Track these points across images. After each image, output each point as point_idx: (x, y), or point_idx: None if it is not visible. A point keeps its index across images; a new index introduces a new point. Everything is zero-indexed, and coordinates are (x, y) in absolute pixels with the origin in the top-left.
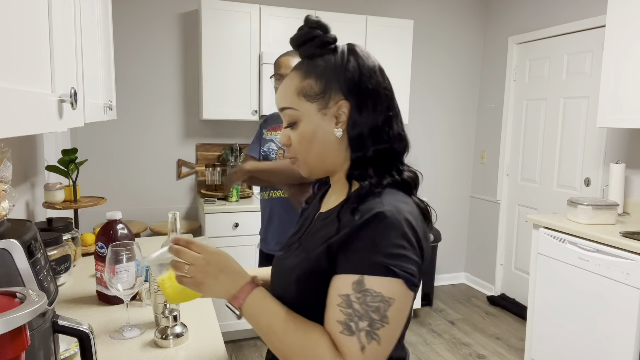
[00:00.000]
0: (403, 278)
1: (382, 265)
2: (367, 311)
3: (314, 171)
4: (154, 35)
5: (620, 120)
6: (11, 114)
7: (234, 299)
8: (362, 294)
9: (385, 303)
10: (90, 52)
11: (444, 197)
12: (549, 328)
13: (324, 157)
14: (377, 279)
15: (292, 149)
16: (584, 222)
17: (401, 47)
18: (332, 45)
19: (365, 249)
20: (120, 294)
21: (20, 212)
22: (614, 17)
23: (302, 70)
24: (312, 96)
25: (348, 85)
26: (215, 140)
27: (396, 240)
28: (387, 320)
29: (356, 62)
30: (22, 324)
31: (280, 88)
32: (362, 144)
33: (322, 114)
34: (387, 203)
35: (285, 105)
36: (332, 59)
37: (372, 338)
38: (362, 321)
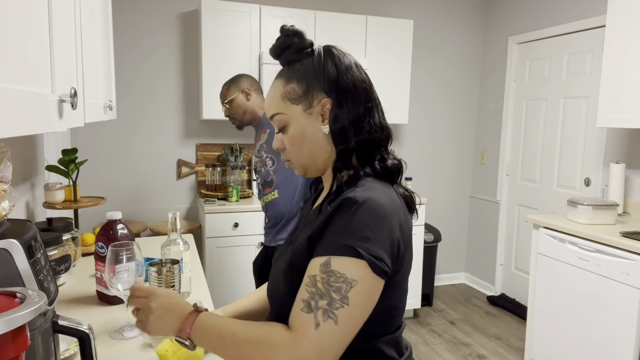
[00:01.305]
0: (368, 261)
1: (348, 246)
2: (328, 290)
3: (308, 170)
4: (154, 35)
5: (620, 120)
6: (11, 114)
7: (181, 331)
8: (327, 274)
9: (348, 284)
10: (90, 52)
11: (444, 197)
12: (549, 328)
13: (315, 155)
14: (343, 260)
15: (286, 152)
16: (584, 222)
17: (401, 47)
18: (308, 49)
19: (335, 233)
20: (120, 294)
21: (20, 212)
22: (614, 17)
23: (284, 77)
24: (296, 98)
25: (327, 83)
26: (215, 140)
27: (365, 224)
28: (348, 301)
29: (333, 61)
30: (22, 324)
31: (266, 97)
32: (345, 137)
33: (308, 114)
34: (361, 191)
35: (274, 112)
36: (310, 61)
37: (328, 317)
38: (322, 300)
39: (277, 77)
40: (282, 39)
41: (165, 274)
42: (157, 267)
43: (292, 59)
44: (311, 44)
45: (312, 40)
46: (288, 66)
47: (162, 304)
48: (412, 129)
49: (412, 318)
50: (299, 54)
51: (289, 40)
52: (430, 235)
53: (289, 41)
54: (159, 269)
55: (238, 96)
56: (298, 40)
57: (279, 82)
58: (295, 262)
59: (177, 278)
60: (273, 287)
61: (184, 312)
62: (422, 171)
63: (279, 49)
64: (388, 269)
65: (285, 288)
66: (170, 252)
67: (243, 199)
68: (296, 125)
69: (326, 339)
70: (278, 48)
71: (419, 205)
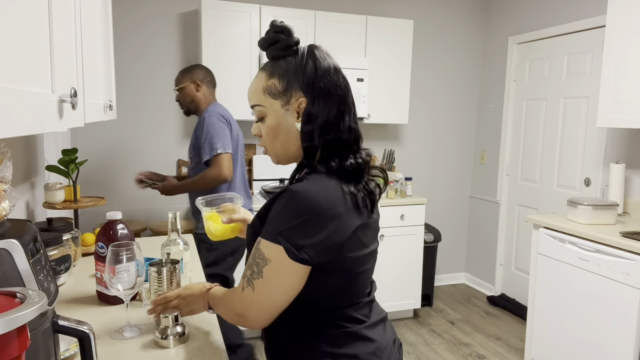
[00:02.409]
0: (284, 247)
1: (272, 233)
2: (251, 264)
3: (280, 159)
4: (154, 35)
5: (620, 120)
6: (11, 114)
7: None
8: (256, 250)
9: (264, 261)
10: (90, 52)
11: (444, 197)
12: (549, 328)
13: (287, 147)
14: (266, 243)
15: (262, 139)
16: (584, 222)
17: (401, 47)
18: (294, 47)
19: (270, 218)
20: (120, 294)
21: (20, 212)
22: (614, 17)
23: (267, 71)
24: (276, 94)
25: (305, 84)
26: None
27: (294, 214)
28: (262, 274)
29: (313, 63)
30: (23, 324)
31: (250, 87)
32: (312, 135)
33: (285, 110)
34: (302, 184)
35: (254, 103)
36: (293, 60)
37: (249, 284)
38: (248, 270)
39: (261, 69)
40: (271, 34)
41: (166, 274)
42: (157, 267)
43: (277, 54)
44: (297, 42)
45: (299, 39)
46: (272, 61)
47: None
48: (412, 129)
49: (412, 318)
50: (284, 51)
51: (276, 36)
52: (430, 235)
53: (276, 37)
54: (159, 269)
55: (189, 85)
56: (285, 38)
57: (262, 75)
58: (254, 236)
59: (176, 278)
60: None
61: (202, 294)
62: (422, 171)
63: (266, 43)
64: (308, 256)
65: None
66: (171, 252)
67: None
68: (273, 118)
69: (247, 300)
70: (266, 42)
71: (419, 206)
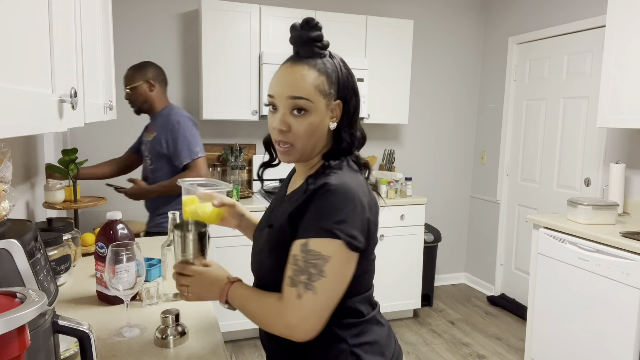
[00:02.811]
0: (344, 240)
1: (324, 228)
2: (306, 267)
3: (304, 157)
4: (154, 35)
5: (620, 120)
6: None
7: (220, 298)
8: (305, 253)
9: (323, 260)
10: (90, 52)
11: (444, 197)
12: (549, 328)
13: (316, 146)
14: (319, 241)
15: (291, 135)
16: (584, 222)
17: (401, 47)
18: (327, 49)
19: (313, 217)
20: (120, 294)
21: (20, 212)
22: (614, 17)
23: (314, 67)
24: (324, 93)
25: (342, 86)
26: (215, 140)
27: (339, 207)
28: (324, 274)
29: (345, 67)
30: (23, 324)
31: (291, 77)
32: (342, 136)
33: (326, 109)
34: (335, 178)
35: (303, 95)
36: (331, 62)
37: (308, 289)
38: (302, 275)
39: (304, 63)
40: (313, 31)
41: (192, 238)
42: (181, 231)
43: (314, 53)
44: (329, 44)
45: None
46: (311, 58)
47: (206, 278)
48: (412, 129)
49: (412, 318)
50: (322, 50)
51: (319, 34)
52: (430, 235)
53: (319, 37)
54: (184, 233)
55: (142, 85)
56: (322, 37)
57: (310, 70)
58: (279, 240)
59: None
60: (257, 263)
61: (221, 284)
62: (422, 171)
63: (305, 39)
64: (361, 244)
65: (270, 262)
66: (171, 252)
67: (243, 199)
68: (317, 116)
69: (307, 307)
70: (305, 38)
71: (419, 206)
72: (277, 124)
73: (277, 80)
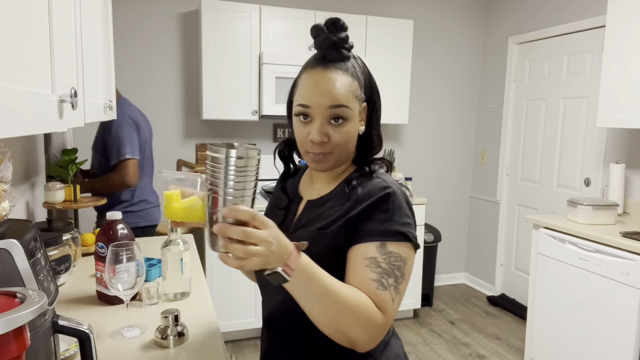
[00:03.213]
0: (412, 242)
1: (399, 232)
2: (392, 269)
3: (337, 165)
4: (154, 35)
5: (620, 120)
6: (12, 114)
7: (286, 266)
8: (386, 255)
9: (403, 262)
10: (90, 52)
11: (444, 197)
12: (549, 328)
13: (349, 152)
14: (395, 244)
15: (330, 144)
16: (584, 222)
17: (401, 47)
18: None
19: (382, 221)
20: (120, 294)
21: (20, 212)
22: (614, 17)
23: (348, 72)
24: (358, 97)
25: (368, 89)
26: (215, 140)
27: (405, 212)
28: (405, 276)
29: (368, 70)
30: (23, 324)
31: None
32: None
33: (359, 114)
34: (389, 182)
35: (344, 104)
36: (357, 64)
37: (397, 292)
38: (390, 277)
39: (337, 68)
40: (343, 34)
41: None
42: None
43: (343, 56)
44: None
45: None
46: (341, 61)
47: (277, 236)
48: (412, 129)
49: (412, 318)
50: (349, 52)
51: (347, 37)
52: (430, 235)
53: (347, 38)
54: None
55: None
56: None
57: (344, 75)
58: (330, 243)
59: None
60: None
61: (288, 246)
62: (422, 171)
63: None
64: (418, 244)
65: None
66: (170, 252)
67: None
68: (354, 122)
69: (396, 308)
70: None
71: (419, 206)
72: (315, 136)
73: (311, 89)
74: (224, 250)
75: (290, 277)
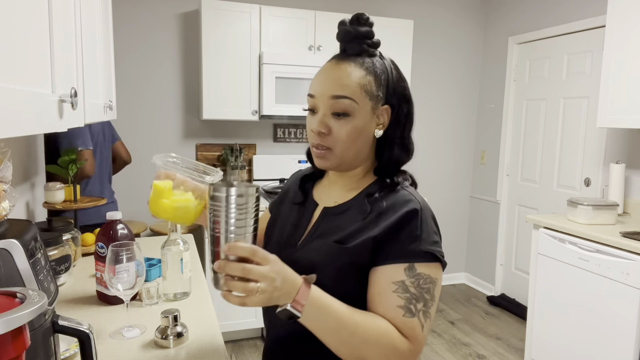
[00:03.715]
0: (441, 261)
1: (427, 252)
2: (421, 293)
3: (343, 165)
4: (154, 35)
5: (620, 120)
6: (12, 114)
7: (295, 302)
8: (415, 278)
9: (433, 284)
10: (90, 52)
11: (444, 197)
12: (549, 328)
13: (359, 153)
14: (425, 265)
15: (331, 138)
16: (584, 222)
17: (401, 47)
18: (377, 47)
19: (410, 240)
20: (120, 294)
21: (20, 212)
22: (614, 17)
23: (362, 66)
24: (371, 94)
25: (394, 92)
26: (215, 140)
27: (431, 229)
28: (435, 298)
29: (397, 70)
30: (23, 324)
31: (335, 75)
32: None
33: (372, 113)
34: (416, 197)
35: (346, 95)
36: (381, 62)
37: (426, 317)
38: (419, 302)
39: (350, 61)
40: (365, 28)
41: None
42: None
43: (363, 51)
44: (380, 43)
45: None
46: (358, 56)
47: (280, 271)
48: None
49: None
50: (372, 49)
51: (369, 31)
52: None
53: (368, 32)
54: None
55: None
56: (374, 34)
57: (357, 68)
58: (352, 262)
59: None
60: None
61: (298, 281)
62: (422, 171)
63: (354, 35)
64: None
65: (334, 284)
66: (170, 252)
67: None
68: (362, 119)
69: (426, 334)
70: (354, 34)
71: None
72: (315, 126)
73: (319, 78)
74: (226, 288)
75: (301, 313)
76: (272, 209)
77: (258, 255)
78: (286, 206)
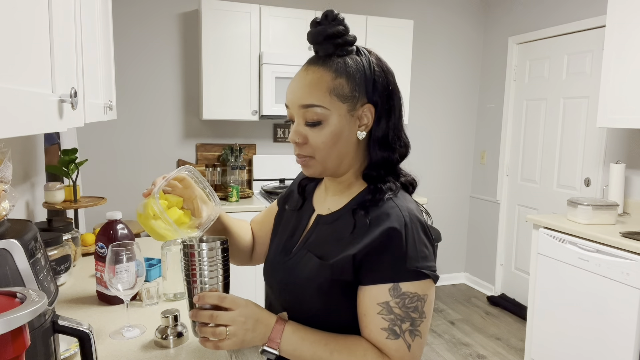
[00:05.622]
0: (432, 277)
1: (414, 270)
2: (407, 312)
3: (327, 171)
4: (154, 35)
5: (620, 120)
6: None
7: (270, 341)
8: (400, 298)
9: (421, 301)
10: (90, 52)
11: (444, 197)
12: (549, 328)
13: (342, 158)
14: (410, 284)
15: (309, 147)
16: (584, 222)
17: (401, 47)
18: (354, 45)
19: (394, 259)
20: (120, 294)
21: (20, 212)
22: (614, 17)
23: (330, 68)
24: (344, 96)
25: (374, 88)
26: (215, 140)
27: (421, 243)
28: (425, 315)
29: (380, 66)
30: (23, 324)
31: (301, 83)
32: (385, 146)
33: (350, 116)
34: (403, 208)
35: (315, 103)
36: (358, 60)
37: (415, 335)
38: (405, 323)
39: (318, 65)
40: (331, 26)
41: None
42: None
43: (335, 51)
44: (356, 39)
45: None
46: (329, 58)
47: (252, 314)
48: (412, 129)
49: None
50: (344, 47)
51: (338, 29)
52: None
53: (338, 30)
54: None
55: None
56: (345, 31)
57: (325, 72)
58: (335, 279)
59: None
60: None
61: (270, 321)
62: (422, 171)
63: (323, 36)
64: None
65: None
66: (171, 252)
67: (243, 199)
68: (337, 123)
69: (417, 353)
70: (322, 34)
71: None
72: (291, 136)
73: (290, 87)
74: (201, 335)
75: (278, 351)
76: (280, 202)
77: (226, 301)
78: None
